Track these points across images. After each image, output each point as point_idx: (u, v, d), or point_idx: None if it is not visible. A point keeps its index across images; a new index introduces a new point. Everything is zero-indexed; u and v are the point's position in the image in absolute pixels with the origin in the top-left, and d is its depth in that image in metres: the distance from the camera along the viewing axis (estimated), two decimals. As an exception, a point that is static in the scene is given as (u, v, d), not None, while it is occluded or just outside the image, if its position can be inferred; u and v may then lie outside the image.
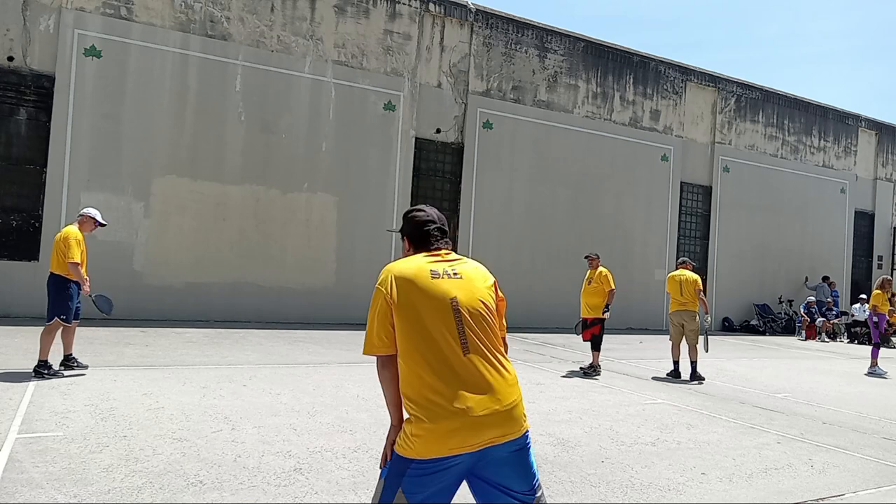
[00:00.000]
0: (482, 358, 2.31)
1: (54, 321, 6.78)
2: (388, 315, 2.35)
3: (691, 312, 9.48)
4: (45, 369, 6.66)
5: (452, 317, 2.31)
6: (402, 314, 2.32)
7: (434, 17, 14.57)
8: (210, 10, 12.39)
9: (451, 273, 2.41)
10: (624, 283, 16.97)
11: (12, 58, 11.08)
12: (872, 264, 22.57)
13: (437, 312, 2.31)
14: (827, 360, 13.63)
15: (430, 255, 2.48)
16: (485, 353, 2.32)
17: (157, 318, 11.49)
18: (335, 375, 7.92)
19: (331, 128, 13.44)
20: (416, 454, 2.23)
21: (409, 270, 2.38)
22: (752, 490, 4.63)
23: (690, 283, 9.52)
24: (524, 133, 15.63)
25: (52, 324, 6.77)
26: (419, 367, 2.27)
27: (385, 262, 13.78)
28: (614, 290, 9.52)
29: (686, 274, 9.64)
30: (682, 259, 10.17)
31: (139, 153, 11.87)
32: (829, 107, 21.29)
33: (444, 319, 2.30)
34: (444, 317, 2.31)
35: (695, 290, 9.48)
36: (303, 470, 4.41)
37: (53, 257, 6.91)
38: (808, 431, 6.60)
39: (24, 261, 11.11)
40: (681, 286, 9.57)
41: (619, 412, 6.80)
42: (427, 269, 2.39)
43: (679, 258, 10.69)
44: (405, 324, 2.31)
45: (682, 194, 18.19)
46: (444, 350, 2.28)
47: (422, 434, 2.22)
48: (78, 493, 3.76)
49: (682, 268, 9.85)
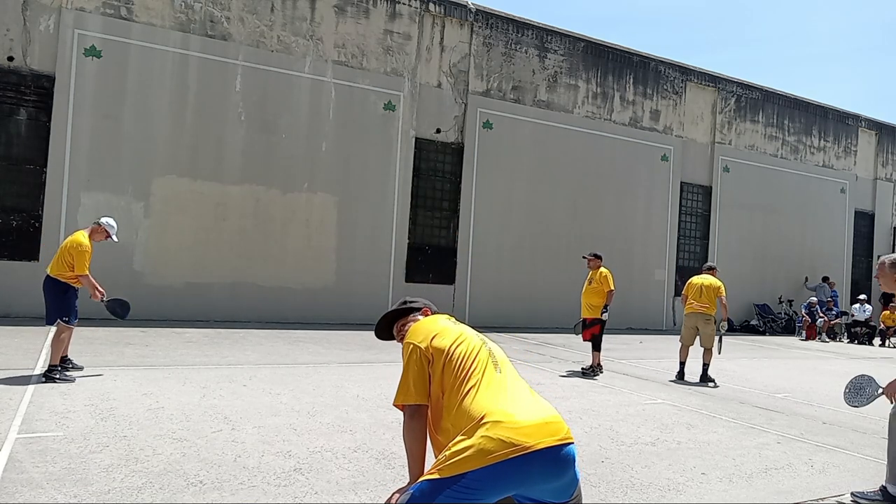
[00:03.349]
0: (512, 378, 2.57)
1: (59, 324, 6.75)
2: (422, 362, 2.55)
3: (707, 316, 9.41)
4: (57, 373, 6.65)
5: (480, 343, 2.62)
6: (439, 351, 2.55)
7: (434, 17, 14.57)
8: (210, 10, 12.39)
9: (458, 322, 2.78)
10: (624, 283, 16.96)
11: (12, 58, 11.08)
12: (872, 264, 22.53)
13: (467, 342, 2.59)
14: (827, 360, 13.63)
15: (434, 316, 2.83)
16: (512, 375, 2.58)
17: (157, 318, 11.48)
18: (335, 375, 7.93)
19: (331, 128, 13.43)
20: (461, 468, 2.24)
21: (429, 325, 2.71)
22: (752, 490, 4.63)
23: (713, 288, 9.44)
24: (524, 133, 15.62)
25: (60, 328, 6.75)
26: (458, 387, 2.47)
27: (385, 261, 13.89)
28: (614, 290, 9.47)
29: (710, 279, 9.55)
30: (711, 265, 10.10)
31: (139, 153, 11.87)
32: (829, 107, 21.29)
33: (474, 345, 2.60)
34: (473, 344, 2.60)
35: (715, 295, 9.42)
36: (303, 470, 4.41)
37: (55, 260, 6.83)
38: (808, 431, 6.60)
39: (24, 261, 11.11)
40: (701, 290, 9.48)
41: (619, 412, 6.80)
42: (442, 321, 2.73)
43: (706, 263, 10.52)
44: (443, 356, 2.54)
45: (682, 194, 18.18)
46: (483, 366, 2.51)
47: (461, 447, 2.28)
48: (78, 493, 3.76)
49: (707, 273, 9.77)
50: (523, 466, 2.22)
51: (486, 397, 2.37)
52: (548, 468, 2.27)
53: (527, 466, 2.23)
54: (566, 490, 2.35)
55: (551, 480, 2.30)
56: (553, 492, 2.33)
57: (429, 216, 14.63)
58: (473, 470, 2.21)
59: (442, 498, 2.21)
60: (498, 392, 2.40)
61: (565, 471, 2.32)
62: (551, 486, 2.32)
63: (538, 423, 2.29)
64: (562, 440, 2.30)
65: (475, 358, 2.51)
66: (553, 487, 2.32)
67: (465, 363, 2.48)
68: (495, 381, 2.45)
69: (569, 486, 2.35)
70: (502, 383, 2.45)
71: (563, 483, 2.33)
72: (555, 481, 2.31)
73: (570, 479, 2.35)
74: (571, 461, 2.34)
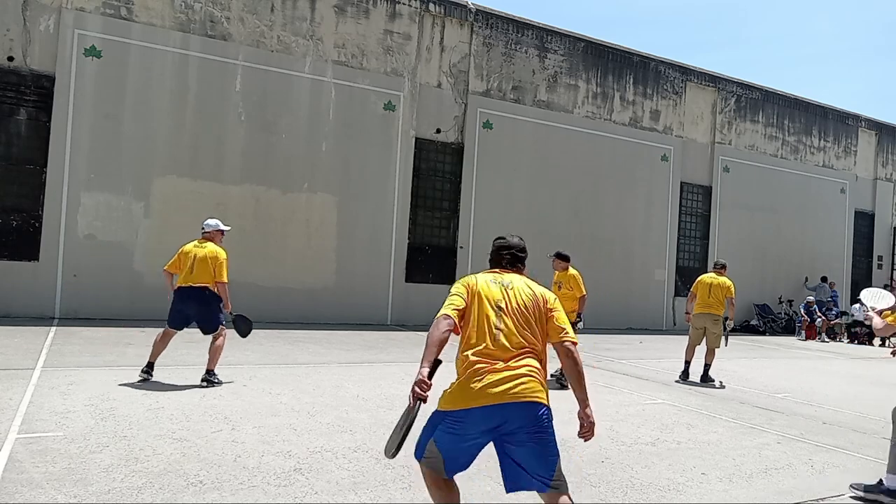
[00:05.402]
0: (510, 347, 3.03)
1: (221, 329, 6.93)
2: (464, 295, 3.14)
3: (714, 316, 9.31)
4: (214, 377, 6.77)
5: (494, 312, 3.09)
6: (474, 300, 3.14)
7: (434, 17, 14.57)
8: (210, 10, 12.39)
9: (505, 284, 3.22)
10: (624, 283, 17.03)
11: (12, 58, 11.08)
12: (872, 264, 22.56)
13: (487, 307, 3.11)
14: (827, 360, 13.64)
15: (496, 272, 3.34)
16: (513, 345, 3.03)
17: (157, 318, 11.43)
18: (335, 375, 7.93)
19: (331, 128, 13.43)
20: (445, 407, 2.97)
21: (479, 277, 3.28)
22: (752, 490, 4.64)
23: (723, 288, 9.31)
24: (524, 133, 15.62)
25: (220, 332, 6.91)
26: (465, 342, 3.07)
27: (385, 261, 13.89)
28: (586, 295, 8.47)
29: (720, 279, 9.42)
30: (721, 262, 9.78)
31: (139, 153, 11.87)
32: (829, 107, 21.28)
33: (488, 312, 3.09)
34: (489, 311, 3.09)
35: (724, 295, 9.29)
36: (303, 470, 4.41)
37: (201, 271, 6.91)
38: (808, 431, 6.60)
39: (24, 261, 11.11)
40: (710, 289, 9.36)
41: (619, 412, 6.80)
42: (489, 278, 3.27)
43: (716, 260, 10.20)
44: (470, 309, 3.11)
45: (682, 194, 18.18)
46: (486, 333, 3.04)
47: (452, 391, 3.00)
48: (78, 493, 3.76)
49: (716, 271, 9.61)
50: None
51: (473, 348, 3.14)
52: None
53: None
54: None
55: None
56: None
57: (429, 216, 14.63)
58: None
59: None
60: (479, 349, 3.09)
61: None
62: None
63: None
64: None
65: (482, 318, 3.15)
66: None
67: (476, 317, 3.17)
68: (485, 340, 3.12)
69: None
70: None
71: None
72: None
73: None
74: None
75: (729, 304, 9.34)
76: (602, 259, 16.36)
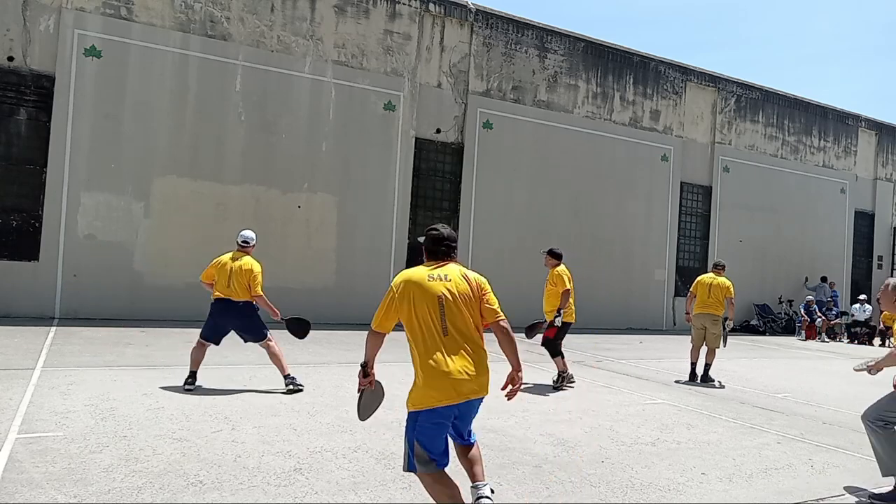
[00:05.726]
0: (458, 336, 3.39)
1: (268, 337, 6.98)
2: (392, 306, 3.43)
3: (714, 316, 9.33)
4: (292, 380, 6.81)
5: (437, 308, 3.38)
6: (404, 306, 3.40)
7: (434, 17, 14.57)
8: (210, 10, 12.38)
9: (443, 277, 3.45)
10: (624, 282, 17.03)
11: (12, 58, 11.08)
12: (872, 264, 22.56)
13: (429, 304, 3.39)
14: (827, 360, 13.63)
15: (433, 265, 3.53)
16: (460, 334, 3.39)
17: (157, 318, 11.48)
18: (335, 375, 7.93)
19: (331, 128, 13.43)
20: (418, 407, 3.35)
21: (415, 275, 3.46)
22: (752, 490, 4.64)
23: (723, 288, 9.33)
24: (524, 133, 15.62)
25: (266, 340, 6.97)
26: (416, 343, 3.39)
27: (385, 262, 13.89)
28: (569, 290, 8.21)
29: (719, 279, 9.43)
30: (720, 263, 9.78)
31: (139, 153, 11.86)
32: (829, 107, 21.28)
33: (432, 309, 3.38)
34: (433, 307, 3.38)
35: (724, 295, 9.30)
36: (303, 470, 4.41)
37: (238, 285, 6.95)
38: (808, 431, 6.60)
39: (24, 261, 11.11)
40: (709, 289, 9.37)
41: (619, 412, 6.80)
42: (426, 275, 3.46)
43: (715, 260, 10.13)
44: (407, 313, 3.39)
45: (682, 194, 18.18)
46: (433, 330, 3.36)
47: (419, 390, 3.38)
48: (78, 493, 3.76)
49: (715, 272, 9.62)
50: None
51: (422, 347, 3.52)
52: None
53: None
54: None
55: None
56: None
57: (429, 216, 14.61)
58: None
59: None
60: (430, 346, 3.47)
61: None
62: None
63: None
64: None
65: (424, 315, 3.48)
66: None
67: (417, 317, 3.50)
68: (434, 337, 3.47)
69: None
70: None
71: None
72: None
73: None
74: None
75: (729, 304, 9.36)
76: (602, 259, 16.36)
